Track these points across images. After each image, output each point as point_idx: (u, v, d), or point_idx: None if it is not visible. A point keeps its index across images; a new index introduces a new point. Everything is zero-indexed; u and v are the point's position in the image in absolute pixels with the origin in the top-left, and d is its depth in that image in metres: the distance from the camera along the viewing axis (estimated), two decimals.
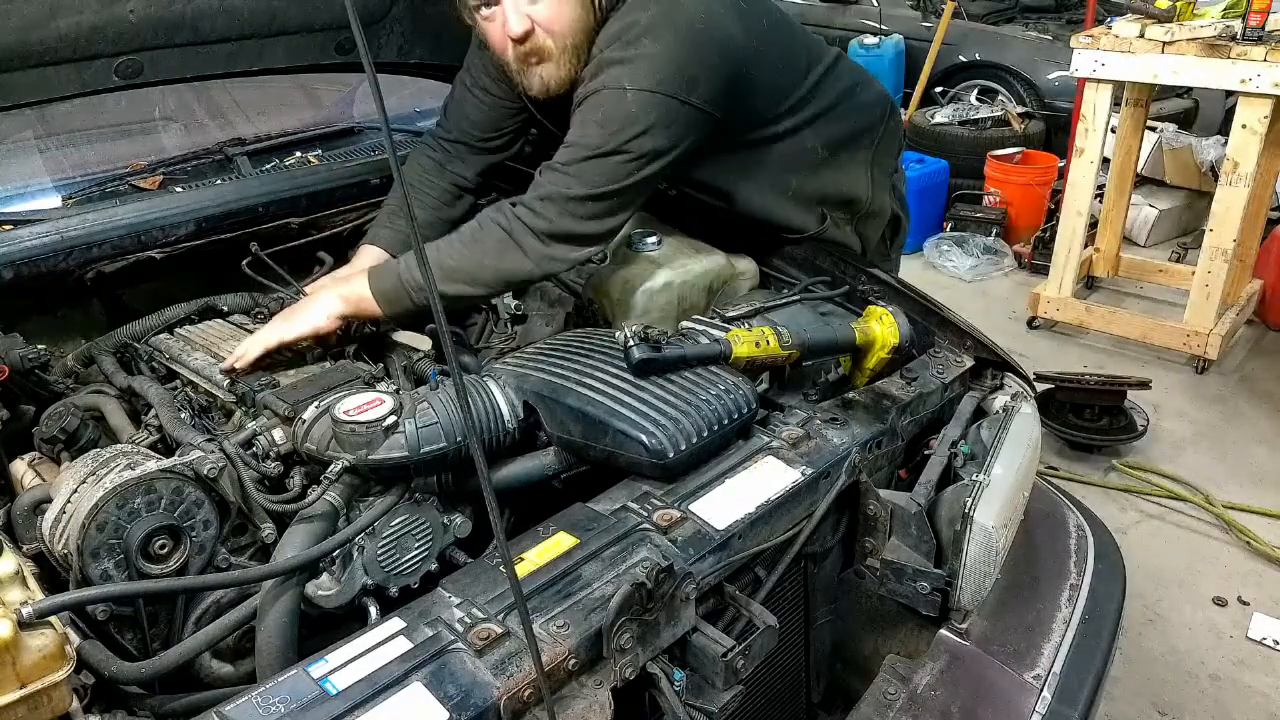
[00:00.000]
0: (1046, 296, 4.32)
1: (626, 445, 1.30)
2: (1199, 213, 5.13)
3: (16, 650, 0.92)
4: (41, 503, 1.31)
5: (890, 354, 1.62)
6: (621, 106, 1.59)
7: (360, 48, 0.73)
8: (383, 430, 1.27)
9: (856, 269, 1.87)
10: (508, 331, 1.95)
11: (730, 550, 1.23)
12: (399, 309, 1.64)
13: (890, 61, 6.61)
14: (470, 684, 0.99)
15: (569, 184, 1.60)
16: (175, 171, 2.20)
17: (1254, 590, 2.83)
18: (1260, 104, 3.55)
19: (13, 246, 1.75)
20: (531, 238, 1.61)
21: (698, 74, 1.62)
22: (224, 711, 0.94)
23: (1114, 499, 3.26)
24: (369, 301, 1.63)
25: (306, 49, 2.09)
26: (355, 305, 1.64)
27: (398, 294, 1.62)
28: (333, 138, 2.45)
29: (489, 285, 1.65)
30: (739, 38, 1.69)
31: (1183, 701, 2.46)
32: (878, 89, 2.06)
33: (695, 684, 1.15)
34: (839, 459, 1.40)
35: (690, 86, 1.61)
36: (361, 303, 1.64)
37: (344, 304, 1.64)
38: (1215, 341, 3.91)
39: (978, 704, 1.34)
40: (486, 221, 1.64)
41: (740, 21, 1.71)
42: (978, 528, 1.36)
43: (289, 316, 1.65)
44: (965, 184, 5.51)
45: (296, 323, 1.62)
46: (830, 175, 1.93)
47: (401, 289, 1.61)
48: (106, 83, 1.85)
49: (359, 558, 1.26)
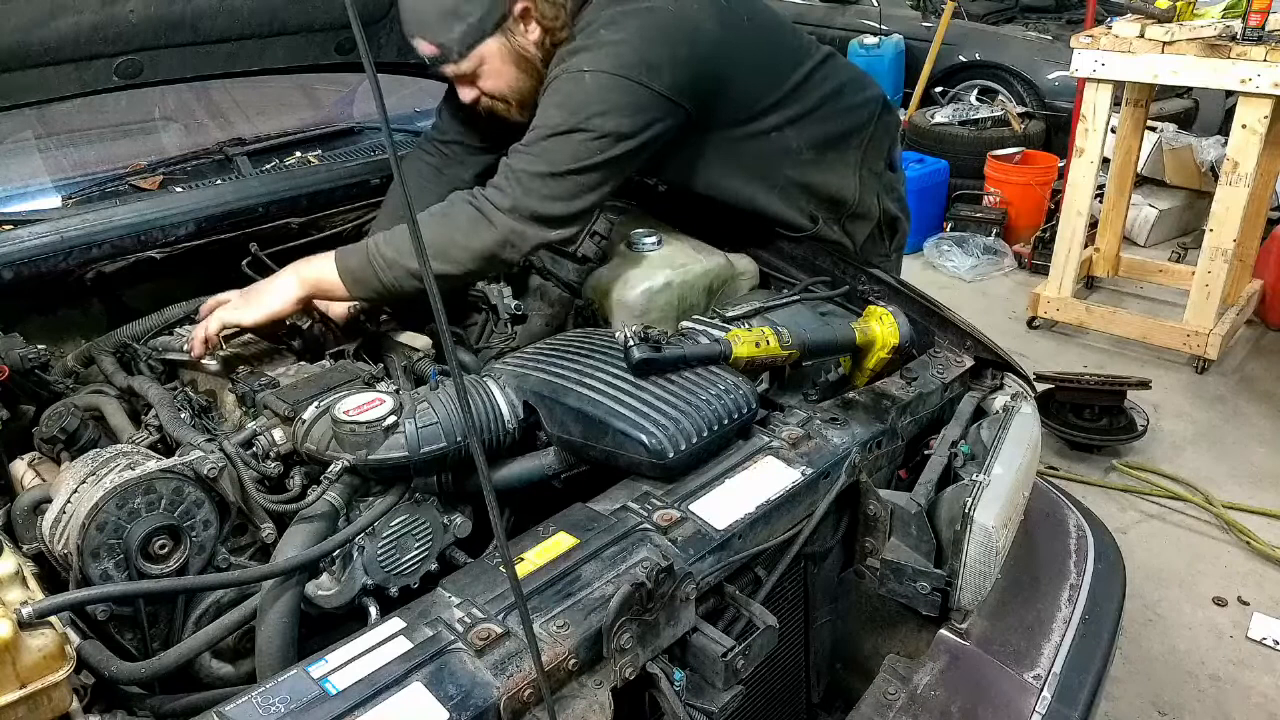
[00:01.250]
0: (1046, 296, 4.32)
1: (626, 445, 1.30)
2: (1199, 213, 5.13)
3: (16, 650, 0.92)
4: (41, 503, 1.31)
5: (890, 354, 1.62)
6: (580, 88, 1.61)
7: (360, 48, 0.73)
8: (383, 430, 1.27)
9: (856, 269, 1.87)
10: (508, 331, 1.95)
11: (730, 550, 1.23)
12: (367, 289, 1.61)
13: (890, 61, 6.61)
14: (470, 684, 0.99)
15: (532, 162, 1.61)
16: (175, 171, 2.20)
17: (1254, 590, 2.83)
18: (1260, 104, 3.55)
19: (13, 246, 1.75)
20: (499, 214, 1.60)
21: (660, 62, 1.62)
22: (224, 711, 0.94)
23: (1114, 499, 3.26)
24: (331, 282, 1.61)
25: (306, 49, 2.09)
26: (315, 286, 1.62)
27: (365, 272, 1.59)
28: (333, 138, 2.45)
29: (460, 264, 1.62)
30: (713, 32, 1.70)
31: (1183, 701, 2.46)
32: (871, 90, 2.05)
33: (695, 684, 1.15)
34: (839, 459, 1.40)
35: (652, 73, 1.61)
36: (322, 283, 1.61)
37: (302, 286, 1.61)
38: (1215, 341, 3.91)
39: (978, 704, 1.34)
40: (456, 200, 1.65)
41: (717, 17, 1.72)
42: (978, 528, 1.36)
43: (247, 298, 1.63)
44: (965, 184, 5.51)
45: (253, 307, 1.61)
46: (816, 174, 1.93)
47: (369, 267, 1.58)
48: (106, 83, 1.85)
49: (359, 558, 1.26)
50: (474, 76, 1.72)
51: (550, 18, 1.67)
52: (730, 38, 1.73)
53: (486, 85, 1.74)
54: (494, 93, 1.75)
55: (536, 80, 1.72)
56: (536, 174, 1.60)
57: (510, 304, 1.97)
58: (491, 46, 1.67)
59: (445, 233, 1.61)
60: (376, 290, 1.62)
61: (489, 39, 1.66)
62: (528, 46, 1.69)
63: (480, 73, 1.71)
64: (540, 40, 1.69)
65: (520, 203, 1.60)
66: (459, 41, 1.65)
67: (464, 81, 1.75)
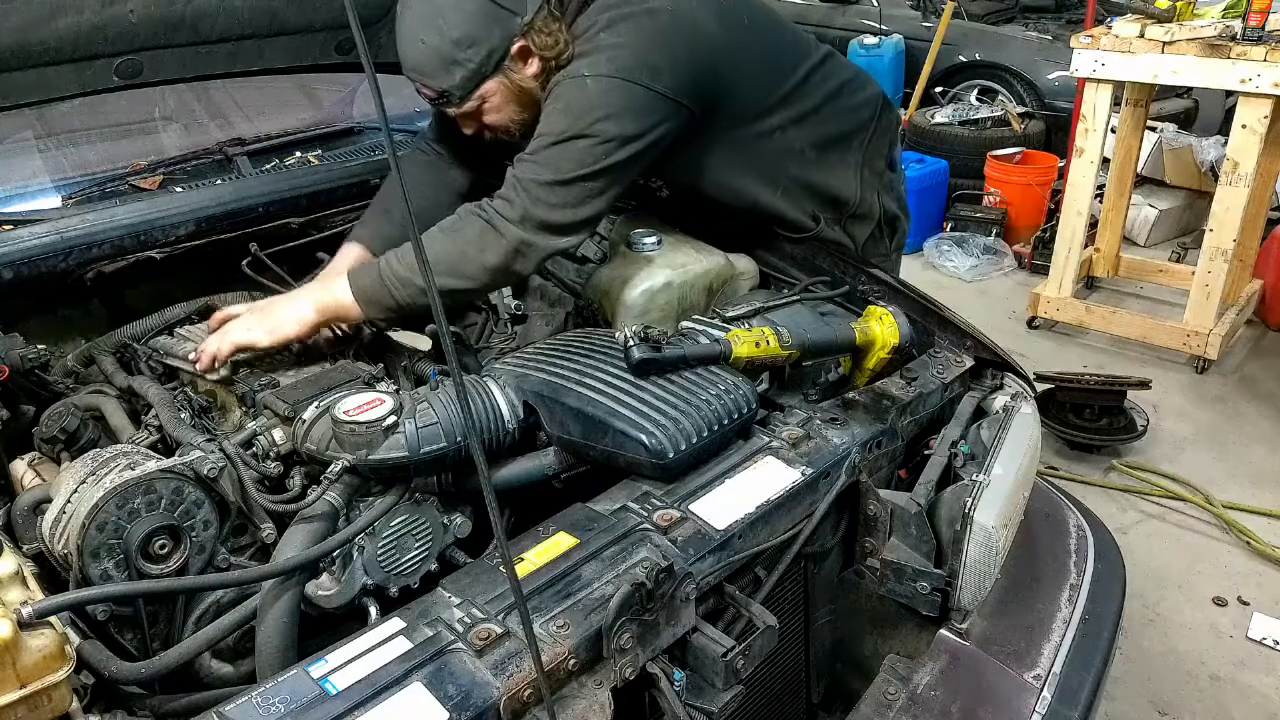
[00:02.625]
0: (1046, 296, 4.32)
1: (626, 445, 1.30)
2: (1199, 213, 5.13)
3: (16, 650, 0.92)
4: (41, 503, 1.31)
5: (890, 354, 1.62)
6: (582, 93, 1.61)
7: (360, 48, 0.73)
8: (383, 430, 1.27)
9: (856, 269, 1.87)
10: (508, 331, 1.95)
11: (730, 550, 1.23)
12: (380, 309, 1.61)
13: (890, 61, 6.61)
14: (470, 684, 0.99)
15: (538, 171, 1.61)
16: (175, 171, 2.20)
17: (1254, 590, 2.83)
18: (1260, 104, 3.55)
19: (13, 246, 1.75)
20: (508, 225, 1.60)
21: (661, 63, 1.62)
22: (224, 711, 0.94)
23: (1114, 499, 3.26)
24: (346, 306, 1.60)
25: (306, 49, 2.09)
26: (331, 312, 1.61)
27: (378, 291, 1.58)
28: (333, 138, 2.45)
29: (472, 278, 1.61)
30: (714, 33, 1.71)
31: (1183, 701, 2.46)
32: (871, 89, 2.05)
33: (695, 684, 1.15)
34: (839, 459, 1.40)
35: (653, 74, 1.61)
36: (339, 309, 1.61)
37: (317, 313, 1.60)
38: (1215, 341, 3.91)
39: (978, 704, 1.34)
40: (465, 214, 1.64)
41: (716, 18, 1.72)
42: (978, 528, 1.36)
43: (262, 319, 1.60)
44: (965, 184, 5.51)
45: (266, 331, 1.58)
46: (819, 174, 1.94)
47: (382, 285, 1.58)
48: (106, 83, 1.85)
49: (359, 558, 1.26)
50: (477, 114, 1.72)
51: (548, 48, 1.66)
52: (730, 37, 1.74)
53: (489, 120, 1.74)
54: (496, 126, 1.75)
55: (539, 110, 1.71)
56: (543, 182, 1.59)
57: (510, 304, 1.97)
58: (491, 87, 1.67)
59: (456, 247, 1.60)
60: (390, 309, 1.61)
61: (489, 80, 1.66)
62: (527, 81, 1.69)
63: (483, 110, 1.71)
64: (539, 72, 1.69)
65: (529, 212, 1.59)
66: (459, 86, 1.65)
67: (466, 120, 1.75)
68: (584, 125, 1.59)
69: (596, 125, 1.59)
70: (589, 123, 1.59)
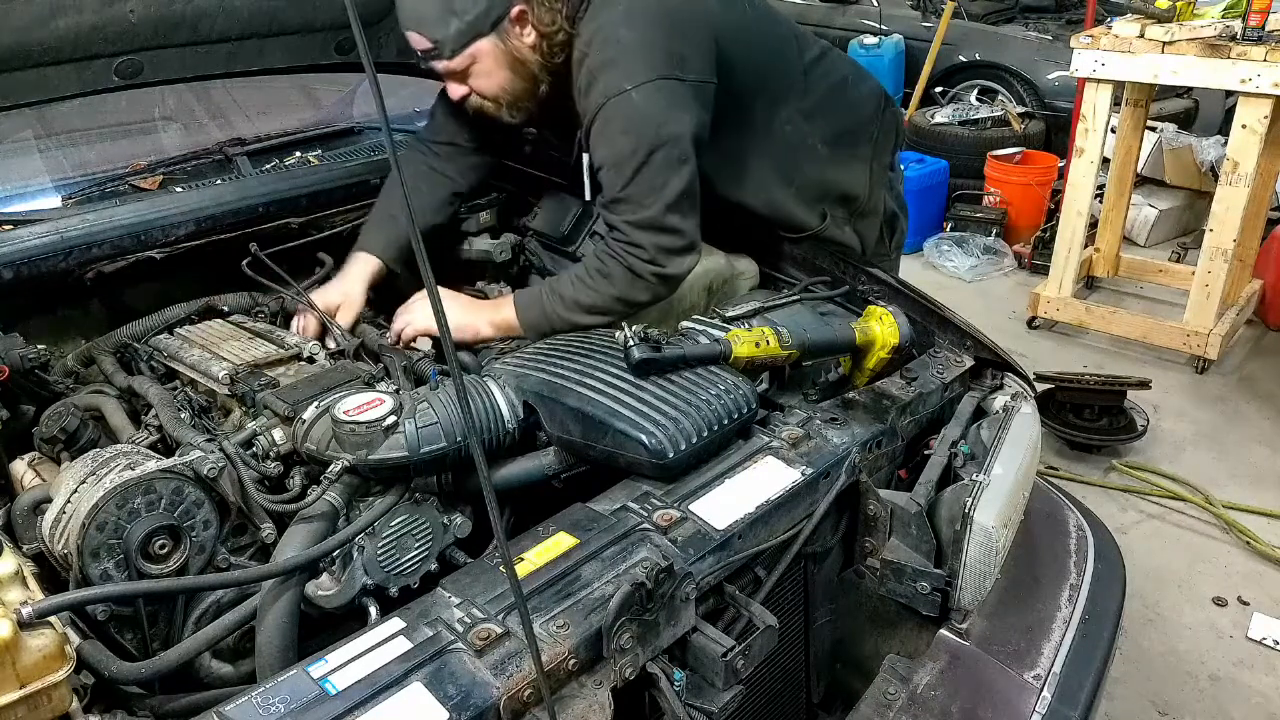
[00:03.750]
0: (1046, 296, 4.32)
1: (626, 445, 1.30)
2: (1199, 213, 5.13)
3: (16, 650, 0.92)
4: (41, 503, 1.31)
5: (890, 354, 1.62)
6: (633, 108, 1.61)
7: (360, 48, 0.73)
8: (383, 430, 1.27)
9: (856, 269, 1.87)
10: None
11: (730, 550, 1.23)
12: (538, 334, 1.72)
13: (890, 61, 6.61)
14: (470, 684, 0.99)
15: (641, 210, 1.64)
16: (175, 171, 2.20)
17: (1254, 590, 2.83)
18: (1260, 104, 3.55)
19: (13, 246, 1.75)
20: (649, 267, 1.65)
21: (683, 50, 1.65)
22: (224, 711, 0.94)
23: (1114, 499, 3.26)
24: (516, 329, 1.75)
25: (306, 49, 2.09)
26: (503, 330, 1.76)
27: (541, 326, 1.72)
28: (333, 138, 2.45)
29: (618, 314, 1.69)
30: (719, 12, 1.74)
31: (1183, 701, 2.46)
32: (871, 84, 2.06)
33: (695, 684, 1.15)
34: (839, 459, 1.40)
35: (682, 64, 1.64)
36: (510, 330, 1.76)
37: (494, 330, 1.76)
38: (1215, 341, 3.90)
39: (978, 704, 1.34)
40: (605, 258, 1.68)
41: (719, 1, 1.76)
42: (978, 528, 1.36)
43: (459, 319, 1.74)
44: (965, 184, 5.51)
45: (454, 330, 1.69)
46: (832, 171, 1.94)
47: (545, 322, 1.72)
48: (106, 83, 1.85)
49: (359, 558, 1.26)
50: (465, 74, 1.72)
51: (547, 24, 1.67)
52: (735, 18, 1.78)
53: (477, 84, 1.74)
54: (484, 92, 1.75)
55: (529, 84, 1.73)
56: (653, 219, 1.63)
57: None
58: (485, 46, 1.67)
59: (609, 292, 1.68)
60: (545, 333, 1.71)
61: (483, 39, 1.66)
62: (522, 50, 1.69)
63: (472, 71, 1.71)
64: (536, 44, 1.69)
65: (659, 254, 1.65)
66: (453, 39, 1.65)
67: (454, 78, 1.75)
68: (652, 137, 1.61)
69: (663, 131, 1.61)
70: (655, 132, 1.61)
